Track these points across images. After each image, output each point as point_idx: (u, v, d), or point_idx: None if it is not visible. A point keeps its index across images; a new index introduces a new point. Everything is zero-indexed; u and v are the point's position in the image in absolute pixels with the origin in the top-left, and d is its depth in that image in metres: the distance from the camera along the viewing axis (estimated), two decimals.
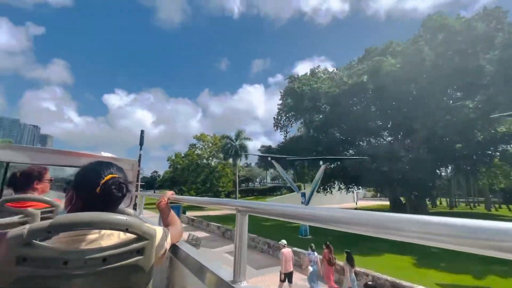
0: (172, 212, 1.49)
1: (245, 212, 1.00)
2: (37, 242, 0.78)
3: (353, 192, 37.95)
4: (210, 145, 50.87)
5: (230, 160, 49.40)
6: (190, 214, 27.94)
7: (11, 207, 1.69)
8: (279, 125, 33.49)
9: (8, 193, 2.10)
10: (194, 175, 49.06)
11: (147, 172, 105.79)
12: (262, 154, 31.31)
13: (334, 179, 30.69)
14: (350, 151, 31.20)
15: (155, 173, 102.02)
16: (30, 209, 1.66)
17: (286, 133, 34.16)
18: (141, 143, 24.37)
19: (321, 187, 29.78)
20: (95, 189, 0.94)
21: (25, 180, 1.99)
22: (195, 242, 13.81)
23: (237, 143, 46.06)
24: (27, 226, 0.77)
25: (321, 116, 31.58)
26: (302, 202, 17.69)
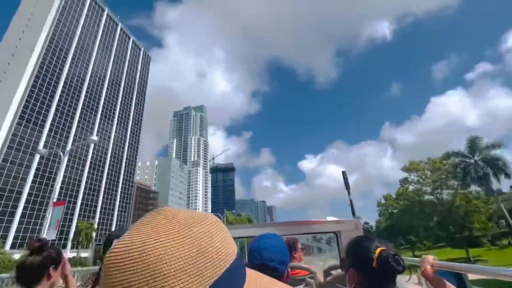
0: (448, 284, 1.26)
1: None
2: None
3: None
4: (429, 173, 37.93)
5: (473, 187, 33.44)
6: None
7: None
8: None
9: None
10: (421, 218, 37.04)
11: None
12: None
13: None
14: None
15: (366, 225, 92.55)
16: (308, 279, 2.06)
17: None
18: (347, 187, 20.46)
19: None
20: (371, 264, 0.97)
21: None
22: None
23: (476, 158, 30.74)
24: None
25: None
26: None
